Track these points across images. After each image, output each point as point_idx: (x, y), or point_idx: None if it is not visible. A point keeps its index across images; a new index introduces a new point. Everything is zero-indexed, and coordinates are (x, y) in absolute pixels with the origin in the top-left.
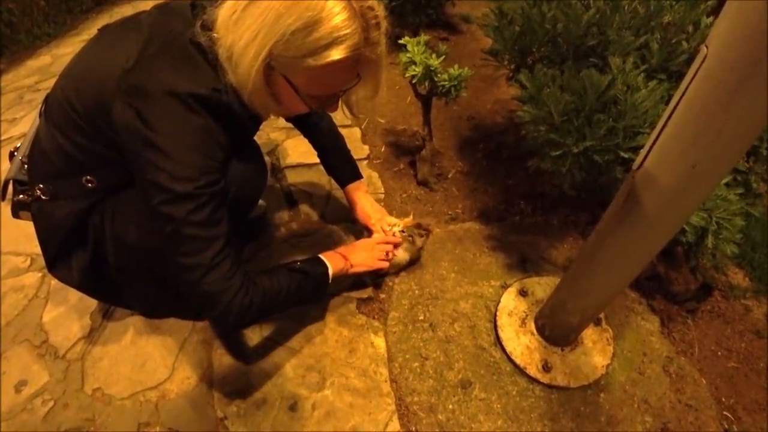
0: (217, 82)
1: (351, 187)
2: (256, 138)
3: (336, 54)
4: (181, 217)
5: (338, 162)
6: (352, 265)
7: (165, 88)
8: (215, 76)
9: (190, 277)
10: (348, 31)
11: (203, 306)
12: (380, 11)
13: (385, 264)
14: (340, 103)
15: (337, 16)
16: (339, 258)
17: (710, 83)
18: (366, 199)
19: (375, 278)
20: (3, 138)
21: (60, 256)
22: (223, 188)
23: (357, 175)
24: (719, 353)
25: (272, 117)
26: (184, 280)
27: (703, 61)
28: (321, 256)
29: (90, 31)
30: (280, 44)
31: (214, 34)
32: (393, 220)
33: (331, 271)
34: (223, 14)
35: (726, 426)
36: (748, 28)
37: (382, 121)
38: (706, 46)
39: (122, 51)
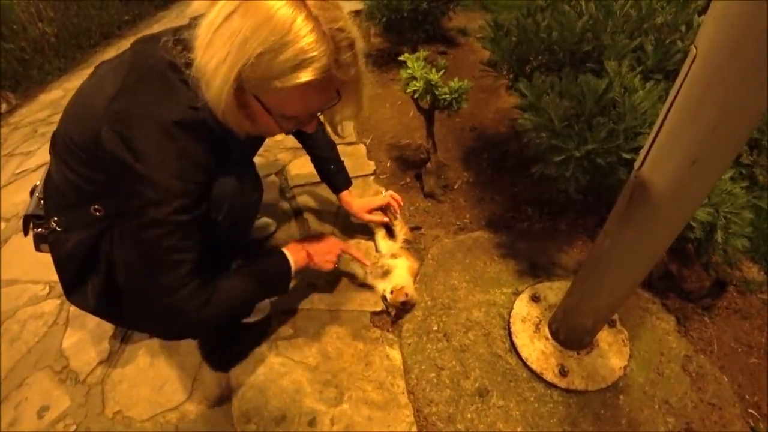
0: (194, 100)
1: (344, 194)
2: (263, 158)
3: (304, 76)
4: (152, 239)
5: (332, 171)
6: (314, 264)
7: (145, 114)
8: (193, 95)
9: (156, 293)
10: (315, 53)
11: (165, 319)
12: (353, 32)
13: (331, 267)
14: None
15: (303, 39)
16: (303, 256)
17: (702, 82)
18: (356, 201)
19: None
20: (19, 170)
21: (75, 283)
22: (201, 215)
23: (349, 183)
24: (739, 350)
25: (278, 138)
26: (152, 296)
27: (693, 61)
28: (286, 250)
29: None
30: (247, 67)
31: (191, 55)
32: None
33: (293, 270)
34: (199, 35)
35: (752, 423)
36: (733, 27)
37: (387, 136)
38: (695, 47)
39: (109, 82)
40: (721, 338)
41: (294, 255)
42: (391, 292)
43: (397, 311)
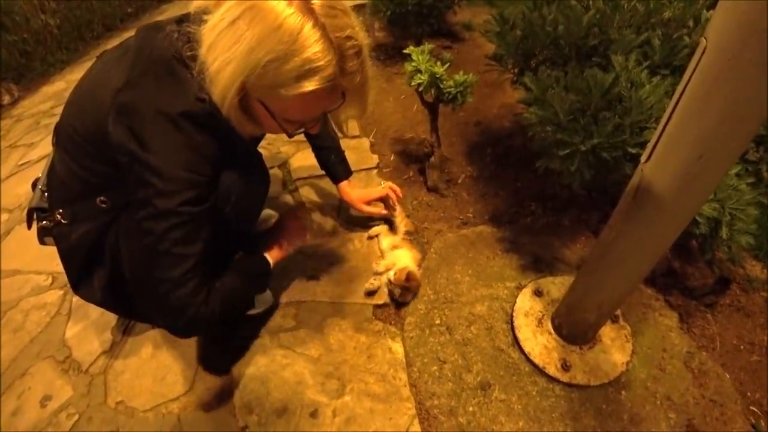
0: (201, 92)
1: (343, 184)
2: (265, 151)
3: (309, 86)
4: (159, 232)
5: (333, 160)
6: (293, 250)
7: (152, 106)
8: (198, 87)
9: (159, 288)
10: (321, 63)
11: (167, 317)
12: (360, 37)
13: (306, 238)
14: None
15: (309, 48)
16: (277, 251)
17: (711, 74)
18: (354, 192)
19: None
20: (22, 162)
21: (82, 276)
22: (210, 208)
23: (349, 173)
24: (741, 347)
25: None
26: (154, 291)
27: (702, 53)
28: (265, 254)
29: None
30: (253, 75)
31: (196, 49)
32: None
33: (271, 266)
34: (203, 34)
35: (753, 421)
36: (743, 19)
37: (390, 130)
38: (705, 39)
39: (114, 73)
40: (724, 335)
41: (272, 255)
42: (394, 274)
43: (403, 292)
